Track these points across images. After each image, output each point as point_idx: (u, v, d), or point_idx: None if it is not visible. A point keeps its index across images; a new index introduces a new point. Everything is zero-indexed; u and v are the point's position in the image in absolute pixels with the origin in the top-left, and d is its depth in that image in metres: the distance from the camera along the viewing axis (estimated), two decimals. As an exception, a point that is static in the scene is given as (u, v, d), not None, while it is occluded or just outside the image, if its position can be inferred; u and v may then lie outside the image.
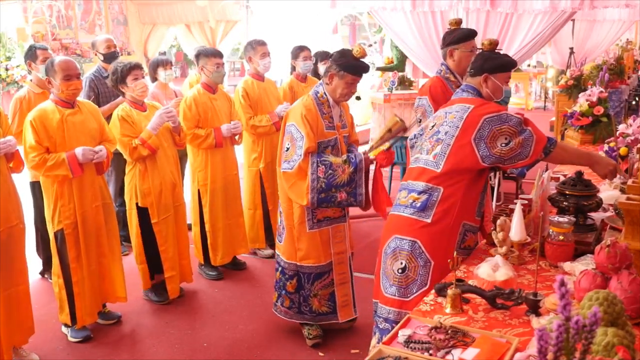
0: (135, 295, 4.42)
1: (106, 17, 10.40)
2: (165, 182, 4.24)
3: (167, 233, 4.30)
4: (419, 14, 6.44)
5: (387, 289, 2.81)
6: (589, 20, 10.73)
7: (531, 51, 6.58)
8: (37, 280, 4.77)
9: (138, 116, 4.12)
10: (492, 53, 2.85)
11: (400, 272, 2.75)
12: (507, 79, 2.85)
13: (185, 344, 3.88)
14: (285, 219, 3.67)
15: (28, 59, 4.60)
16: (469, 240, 2.80)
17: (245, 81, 5.04)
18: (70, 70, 3.66)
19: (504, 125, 2.61)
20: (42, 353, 3.75)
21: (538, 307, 2.07)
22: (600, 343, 1.46)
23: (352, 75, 3.41)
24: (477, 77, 2.80)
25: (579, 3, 5.57)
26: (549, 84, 13.85)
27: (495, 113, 2.64)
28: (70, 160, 3.63)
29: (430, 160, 2.74)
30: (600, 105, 4.93)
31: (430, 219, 2.70)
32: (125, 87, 4.08)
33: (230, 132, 4.68)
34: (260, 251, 5.32)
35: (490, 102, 2.77)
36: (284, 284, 3.75)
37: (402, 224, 2.79)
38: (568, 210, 2.74)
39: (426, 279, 2.70)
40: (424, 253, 2.70)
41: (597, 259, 2.03)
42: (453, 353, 1.83)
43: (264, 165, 5.09)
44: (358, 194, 3.44)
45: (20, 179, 4.17)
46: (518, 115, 2.67)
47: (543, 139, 2.64)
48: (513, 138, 2.61)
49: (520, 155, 2.63)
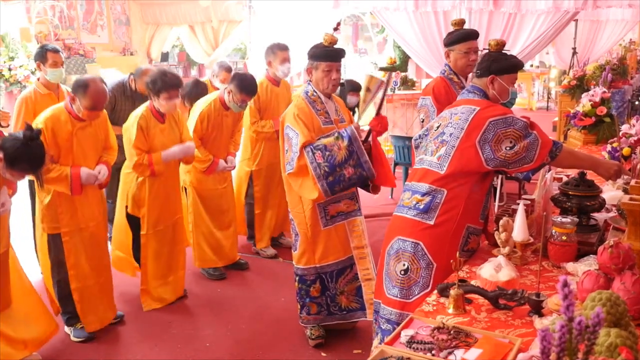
0: (137, 295, 4.42)
1: (108, 17, 10.42)
2: (160, 196, 4.22)
3: (153, 246, 4.27)
4: (422, 14, 6.45)
5: (389, 289, 2.80)
6: (592, 20, 10.73)
7: (534, 51, 6.58)
8: (40, 280, 4.77)
9: (155, 127, 4.09)
10: (500, 54, 2.82)
11: (402, 274, 2.74)
12: (514, 80, 2.82)
13: (187, 344, 3.89)
14: (297, 224, 3.64)
15: (38, 59, 4.50)
16: (472, 242, 2.77)
17: (260, 83, 4.91)
18: (98, 104, 3.65)
19: (510, 129, 2.59)
20: (45, 352, 3.74)
21: (541, 308, 2.07)
22: (603, 344, 1.46)
23: (325, 62, 3.42)
24: (483, 78, 2.78)
25: (582, 3, 5.57)
26: (551, 84, 13.85)
27: (500, 116, 2.62)
28: (74, 179, 3.62)
29: (435, 162, 2.73)
30: (603, 106, 4.92)
31: (433, 221, 2.68)
32: (156, 99, 4.05)
33: (225, 169, 4.77)
34: (263, 251, 5.32)
35: (496, 104, 2.75)
36: (306, 291, 3.71)
37: (405, 226, 2.77)
38: (571, 211, 2.74)
39: (428, 281, 2.68)
40: (426, 255, 2.69)
41: (600, 260, 2.03)
42: (455, 353, 1.83)
43: (257, 169, 5.10)
44: (363, 163, 3.36)
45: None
46: (524, 118, 2.65)
47: (548, 143, 2.62)
48: (518, 142, 2.58)
49: (525, 159, 2.61)
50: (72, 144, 3.65)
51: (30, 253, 4.66)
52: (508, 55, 2.83)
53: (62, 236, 3.73)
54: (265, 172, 5.12)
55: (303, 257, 3.67)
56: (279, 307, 4.37)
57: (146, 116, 4.07)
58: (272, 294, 4.61)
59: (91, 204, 3.82)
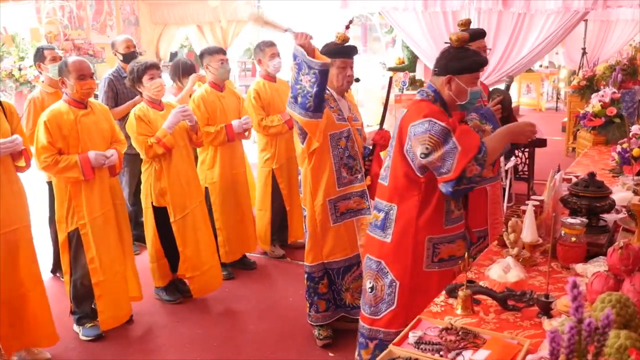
0: (147, 294, 4.44)
1: (117, 17, 10.46)
2: (180, 181, 4.24)
3: (184, 232, 4.29)
4: (431, 14, 6.43)
5: (363, 305, 2.85)
6: (602, 20, 10.67)
7: (543, 52, 6.56)
8: (49, 279, 4.81)
9: (155, 115, 4.13)
10: (459, 51, 2.53)
11: (370, 291, 2.75)
12: (475, 80, 2.55)
13: (195, 343, 3.90)
14: (308, 220, 3.65)
15: (37, 60, 4.65)
16: (442, 252, 2.64)
17: (257, 83, 5.04)
18: (84, 70, 3.68)
19: (426, 134, 2.39)
20: (54, 351, 3.77)
21: (550, 309, 2.06)
22: (613, 345, 1.45)
23: (339, 59, 3.43)
24: (440, 77, 2.55)
25: (592, 3, 5.54)
26: (561, 84, 13.79)
27: (419, 120, 2.42)
28: (83, 163, 3.65)
29: (383, 174, 2.68)
30: (613, 106, 4.90)
31: (389, 238, 2.63)
32: (141, 86, 4.10)
33: (241, 127, 4.71)
34: (272, 251, 5.32)
35: (424, 107, 2.49)
36: (314, 289, 3.74)
37: (370, 244, 2.76)
38: (580, 212, 2.72)
39: (393, 298, 2.65)
40: (389, 273, 2.65)
41: (609, 261, 2.02)
42: (464, 354, 1.82)
43: (277, 166, 5.09)
44: (309, 61, 3.19)
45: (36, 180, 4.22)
46: (446, 125, 2.41)
47: (470, 151, 2.37)
48: (434, 150, 2.39)
49: (441, 169, 2.40)
50: (78, 132, 3.68)
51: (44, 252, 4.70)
52: (469, 52, 2.55)
53: (80, 229, 3.76)
54: (287, 166, 5.13)
55: (310, 254, 3.69)
56: (286, 307, 4.37)
57: (142, 108, 4.13)
58: (280, 294, 4.61)
59: (105, 191, 3.84)
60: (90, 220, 3.76)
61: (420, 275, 2.62)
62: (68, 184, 3.73)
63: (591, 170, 2.93)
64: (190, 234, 4.32)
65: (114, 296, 3.92)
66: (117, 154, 3.86)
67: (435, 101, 2.55)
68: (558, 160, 4.33)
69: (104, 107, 4.02)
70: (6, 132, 3.34)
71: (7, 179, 3.37)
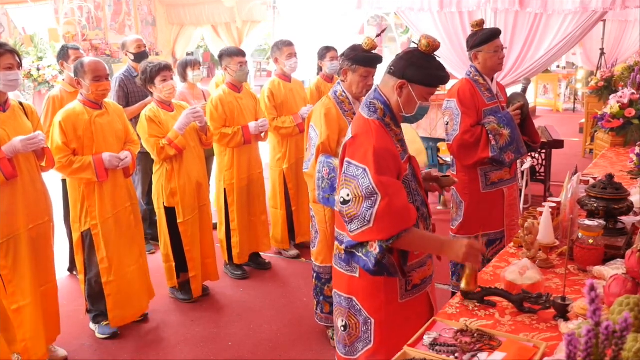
0: (161, 294, 4.47)
1: (135, 17, 10.54)
2: (191, 182, 4.26)
3: (192, 233, 4.33)
4: (447, 14, 6.41)
5: (337, 344, 2.59)
6: (620, 20, 10.56)
7: (561, 52, 6.50)
8: (66, 277, 4.85)
9: (165, 116, 4.15)
10: (425, 58, 2.22)
11: (343, 330, 2.49)
12: (428, 96, 2.26)
13: (210, 342, 3.91)
14: (318, 222, 3.65)
15: (60, 58, 4.72)
16: (415, 278, 2.38)
17: (271, 82, 5.06)
18: (100, 71, 3.71)
19: (354, 181, 2.16)
20: (70, 349, 3.81)
21: (566, 312, 2.04)
22: (631, 349, 1.44)
23: (364, 67, 3.36)
24: (393, 78, 2.26)
25: (610, 3, 5.49)
26: (578, 85, 13.66)
27: (356, 162, 2.17)
28: (97, 165, 3.67)
29: (338, 200, 2.29)
30: (632, 107, 4.84)
31: (357, 272, 2.36)
32: (153, 87, 4.12)
33: (258, 129, 4.71)
34: (286, 251, 5.33)
35: (362, 139, 2.21)
36: (321, 289, 3.75)
37: (338, 279, 2.49)
38: (598, 214, 2.69)
39: (370, 337, 2.39)
40: (362, 310, 2.38)
41: (628, 264, 2.00)
42: (479, 356, 1.81)
43: (287, 166, 5.10)
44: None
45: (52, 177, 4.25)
46: (376, 185, 2.10)
47: (381, 233, 2.10)
48: (353, 202, 2.16)
49: (348, 224, 2.17)
50: (92, 133, 3.71)
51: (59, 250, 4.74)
52: (433, 64, 2.23)
53: (92, 229, 3.79)
54: (296, 167, 5.14)
55: (320, 256, 3.69)
56: (301, 307, 4.38)
57: (152, 109, 4.15)
58: (294, 294, 4.62)
59: (118, 192, 3.86)
60: (101, 221, 3.78)
61: (396, 309, 2.36)
62: (82, 184, 3.76)
63: (609, 172, 2.91)
64: (196, 234, 4.36)
65: (123, 296, 3.94)
66: (131, 156, 3.88)
67: (385, 115, 2.26)
68: (575, 162, 4.30)
69: (118, 108, 4.03)
70: (29, 132, 3.37)
71: (31, 178, 3.38)
